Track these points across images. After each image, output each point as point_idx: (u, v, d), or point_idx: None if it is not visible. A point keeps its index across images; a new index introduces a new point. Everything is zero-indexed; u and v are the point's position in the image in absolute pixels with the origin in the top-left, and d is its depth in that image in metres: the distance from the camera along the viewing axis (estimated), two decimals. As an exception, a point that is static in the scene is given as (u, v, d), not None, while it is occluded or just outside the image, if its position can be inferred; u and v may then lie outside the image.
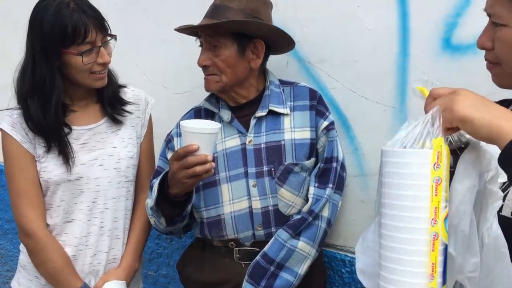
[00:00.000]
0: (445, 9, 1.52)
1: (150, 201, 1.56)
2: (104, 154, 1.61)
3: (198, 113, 1.71)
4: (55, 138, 1.53)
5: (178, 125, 1.71)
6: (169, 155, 1.66)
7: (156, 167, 1.72)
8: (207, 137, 1.36)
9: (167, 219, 1.58)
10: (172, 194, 1.48)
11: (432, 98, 0.90)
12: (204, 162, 1.35)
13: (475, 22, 1.46)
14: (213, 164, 1.39)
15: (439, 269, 0.86)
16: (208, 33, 1.55)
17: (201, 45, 1.60)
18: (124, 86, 1.72)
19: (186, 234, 1.81)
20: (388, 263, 0.89)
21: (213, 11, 1.55)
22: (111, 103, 1.64)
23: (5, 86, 1.65)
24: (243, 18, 1.50)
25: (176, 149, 1.64)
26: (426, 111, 0.90)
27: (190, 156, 1.35)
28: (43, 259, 1.56)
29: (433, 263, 0.85)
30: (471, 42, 1.48)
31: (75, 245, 1.60)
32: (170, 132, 1.73)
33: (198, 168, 1.35)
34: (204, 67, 1.57)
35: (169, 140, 1.70)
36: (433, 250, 0.85)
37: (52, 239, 1.58)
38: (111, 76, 1.64)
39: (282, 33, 1.58)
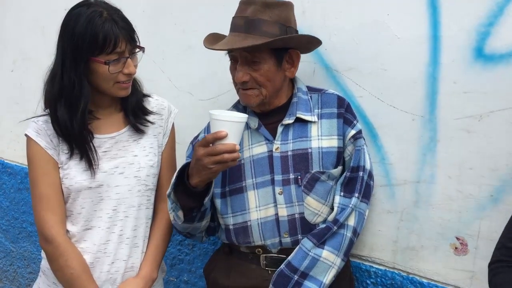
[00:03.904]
0: (478, 18, 1.50)
1: (168, 190, 1.54)
2: (125, 163, 1.61)
3: None
4: (79, 143, 1.54)
5: (205, 130, 1.72)
6: None
7: None
8: (235, 125, 1.38)
9: (185, 212, 1.56)
10: (192, 184, 1.47)
11: None
12: (233, 151, 1.37)
13: (509, 31, 1.46)
14: (239, 154, 1.40)
15: None
16: (246, 49, 1.49)
17: (232, 59, 1.57)
18: (148, 96, 1.73)
19: (209, 240, 1.79)
20: None
21: (247, 26, 1.50)
22: (134, 112, 1.65)
23: (35, 91, 1.68)
24: (278, 30, 1.49)
25: None
26: None
27: (219, 144, 1.37)
28: (61, 265, 1.55)
29: None
30: (505, 52, 1.47)
31: (93, 253, 1.59)
32: (197, 136, 1.74)
33: (226, 156, 1.37)
34: (243, 83, 1.54)
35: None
36: None
37: (71, 245, 1.58)
38: (135, 85, 1.65)
39: (316, 40, 1.60)
